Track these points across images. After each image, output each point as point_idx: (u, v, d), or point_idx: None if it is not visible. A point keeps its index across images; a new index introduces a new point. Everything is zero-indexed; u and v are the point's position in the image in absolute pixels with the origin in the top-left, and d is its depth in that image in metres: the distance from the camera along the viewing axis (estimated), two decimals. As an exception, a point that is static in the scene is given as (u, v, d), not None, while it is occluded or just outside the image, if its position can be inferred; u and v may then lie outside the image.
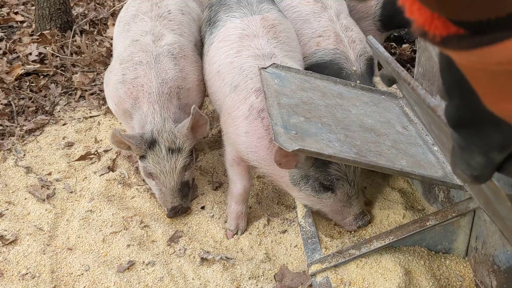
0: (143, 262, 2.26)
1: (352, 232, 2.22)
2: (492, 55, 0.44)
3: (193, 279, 2.18)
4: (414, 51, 4.08)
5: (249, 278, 2.18)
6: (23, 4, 5.20)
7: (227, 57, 2.36)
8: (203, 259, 2.29)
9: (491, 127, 0.58)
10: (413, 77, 2.56)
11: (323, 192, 2.07)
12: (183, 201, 2.43)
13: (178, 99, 2.46)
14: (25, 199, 2.61)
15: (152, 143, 2.35)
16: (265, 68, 2.18)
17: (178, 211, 2.42)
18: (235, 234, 2.45)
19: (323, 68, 2.44)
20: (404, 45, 4.21)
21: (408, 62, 3.96)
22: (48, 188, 2.67)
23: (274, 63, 2.21)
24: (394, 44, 4.21)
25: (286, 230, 2.44)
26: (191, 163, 2.46)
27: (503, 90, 0.49)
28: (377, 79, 2.82)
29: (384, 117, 2.15)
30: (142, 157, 2.38)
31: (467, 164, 0.65)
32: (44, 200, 2.60)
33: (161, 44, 2.49)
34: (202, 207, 2.59)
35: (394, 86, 3.05)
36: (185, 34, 2.63)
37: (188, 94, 2.51)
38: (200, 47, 2.71)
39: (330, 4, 2.82)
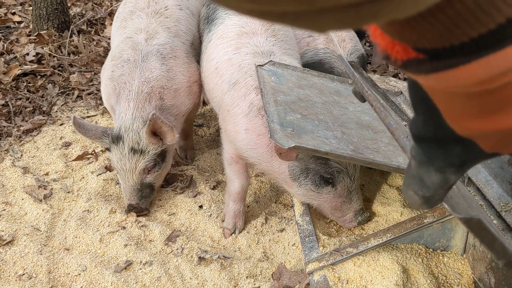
0: (141, 261, 2.25)
1: (350, 230, 2.21)
2: (449, 79, 0.46)
3: (190, 278, 2.17)
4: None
5: (247, 277, 2.17)
6: (21, 5, 5.19)
7: (225, 54, 2.35)
8: (200, 258, 2.28)
9: (453, 143, 0.60)
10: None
11: (323, 186, 2.06)
12: (140, 202, 2.45)
13: (160, 99, 2.44)
14: (22, 199, 2.60)
15: (117, 139, 2.36)
16: (262, 66, 2.17)
17: (134, 210, 2.45)
18: (233, 233, 2.44)
19: (314, 68, 2.42)
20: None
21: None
22: (45, 188, 2.66)
23: (271, 61, 2.20)
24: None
25: (284, 228, 2.43)
26: (157, 167, 2.44)
27: (463, 110, 0.52)
28: (374, 77, 2.82)
29: (381, 114, 2.14)
30: (107, 149, 2.42)
31: (421, 184, 0.68)
32: (41, 200, 2.59)
33: (152, 43, 2.48)
34: (200, 206, 2.59)
35: (392, 83, 3.04)
36: (181, 32, 2.61)
37: (175, 95, 2.49)
38: (198, 44, 2.70)
39: None
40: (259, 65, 2.17)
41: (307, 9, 0.35)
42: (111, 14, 4.85)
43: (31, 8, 4.91)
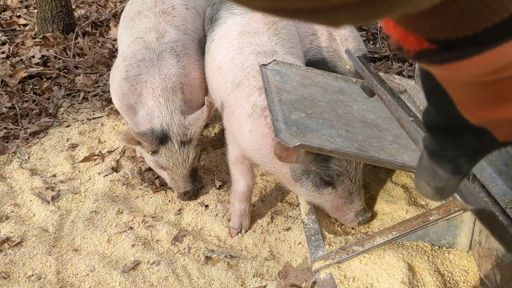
0: (148, 261, 2.27)
1: (356, 228, 2.22)
2: (462, 69, 0.47)
3: (197, 277, 2.19)
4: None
5: (254, 276, 2.18)
6: (26, 8, 5.22)
7: (228, 54, 2.35)
8: (207, 258, 2.29)
9: (466, 132, 0.61)
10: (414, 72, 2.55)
11: (324, 187, 2.07)
12: (194, 185, 2.51)
13: (182, 94, 2.48)
14: (30, 201, 2.63)
15: (163, 138, 2.37)
16: (266, 65, 2.17)
17: (191, 195, 2.51)
18: (239, 232, 2.45)
19: (316, 66, 2.43)
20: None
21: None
22: (52, 190, 2.68)
23: (275, 60, 2.21)
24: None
25: (290, 227, 2.44)
26: (199, 150, 2.51)
27: (476, 99, 0.53)
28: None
29: (386, 112, 2.15)
30: (154, 152, 2.40)
31: (433, 174, 0.68)
32: (49, 202, 2.62)
33: (164, 41, 2.50)
34: (206, 206, 2.60)
35: (397, 81, 3.04)
36: (189, 31, 2.63)
37: (191, 90, 2.53)
38: (204, 43, 2.73)
39: None
40: (263, 64, 2.18)
41: (321, 6, 0.36)
42: (115, 15, 4.87)
43: (36, 10, 4.94)
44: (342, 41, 2.69)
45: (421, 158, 0.73)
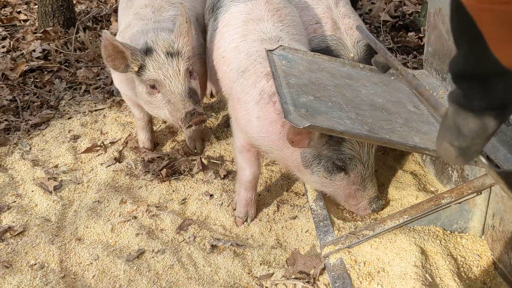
0: (153, 250, 2.23)
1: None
2: None
3: (203, 266, 2.14)
4: (421, 39, 4.05)
5: (261, 263, 2.14)
6: (26, 4, 5.19)
7: (232, 42, 2.32)
8: (213, 246, 2.25)
9: (495, 77, 0.58)
10: (422, 59, 2.52)
11: (336, 172, 2.02)
12: (196, 106, 2.22)
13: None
14: (32, 191, 2.59)
15: (148, 50, 2.24)
16: (272, 50, 2.14)
17: (194, 114, 2.19)
18: (245, 221, 2.42)
19: None
20: (410, 33, 4.17)
21: (415, 50, 3.92)
22: (55, 180, 2.64)
23: (281, 45, 2.17)
24: (401, 32, 4.17)
25: (296, 216, 2.40)
26: (193, 71, 2.34)
27: (510, 32, 0.50)
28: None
29: (394, 96, 2.12)
30: (141, 68, 2.24)
31: (457, 133, 0.65)
32: (51, 192, 2.58)
33: (161, 14, 2.46)
34: (211, 195, 2.56)
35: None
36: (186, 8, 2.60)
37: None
38: (202, 21, 2.70)
39: None
40: (269, 50, 2.14)
41: None
42: (116, 10, 4.84)
43: (36, 6, 4.91)
44: (346, 29, 2.66)
45: (445, 118, 0.70)
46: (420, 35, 4.08)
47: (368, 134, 1.68)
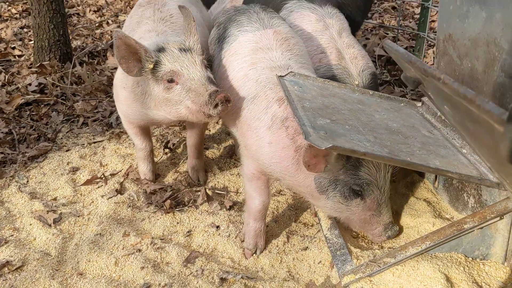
0: (159, 284, 2.12)
1: (380, 244, 2.11)
2: None
3: (214, 299, 2.04)
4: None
5: (274, 296, 2.05)
6: (20, 40, 5.17)
7: (241, 70, 2.29)
8: (222, 280, 2.16)
9: None
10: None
11: (352, 198, 1.97)
12: (217, 87, 2.16)
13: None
14: (30, 225, 2.48)
15: (161, 49, 2.23)
16: (283, 76, 2.12)
17: (218, 92, 2.10)
18: (254, 253, 2.33)
19: None
20: (406, 67, 4.22)
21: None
22: (54, 213, 2.54)
23: (291, 72, 2.16)
24: (397, 66, 4.22)
25: (307, 247, 2.33)
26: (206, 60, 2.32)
27: None
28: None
29: (408, 122, 2.09)
30: (156, 65, 2.19)
31: None
32: (50, 225, 2.47)
33: (166, 38, 2.43)
34: (217, 227, 2.48)
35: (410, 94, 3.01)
36: None
37: None
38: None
39: (331, 23, 2.81)
40: (280, 76, 2.12)
41: None
42: (112, 46, 4.84)
43: (31, 42, 4.89)
44: (351, 59, 2.66)
45: None
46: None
47: (390, 156, 1.64)
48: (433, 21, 4.83)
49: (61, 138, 3.28)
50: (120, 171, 2.91)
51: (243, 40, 2.41)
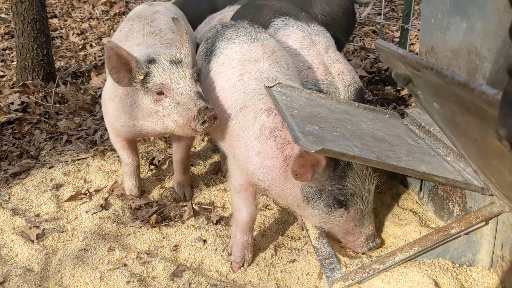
0: (146, 298, 2.08)
1: (368, 253, 2.12)
2: None
3: (202, 312, 2.01)
4: (398, 91, 4.17)
5: (263, 308, 2.02)
6: (2, 61, 5.15)
7: (229, 81, 2.31)
8: (210, 293, 2.13)
9: None
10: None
11: (337, 208, 1.98)
12: (206, 104, 2.15)
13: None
14: (12, 241, 2.42)
15: (152, 60, 2.23)
16: (271, 87, 2.15)
17: (208, 109, 2.10)
18: (242, 266, 2.31)
19: None
20: (387, 87, 4.30)
21: (394, 101, 4.02)
22: (37, 228, 2.49)
23: (279, 83, 2.18)
24: (379, 85, 4.30)
25: (295, 259, 2.31)
26: (196, 73, 2.33)
27: None
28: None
29: (393, 131, 2.13)
30: (146, 76, 2.19)
31: None
32: (33, 241, 2.42)
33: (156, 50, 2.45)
34: (204, 241, 2.45)
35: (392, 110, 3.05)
36: None
37: None
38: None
39: (318, 40, 2.87)
40: (268, 86, 2.15)
41: None
42: (96, 67, 4.84)
43: (13, 63, 4.86)
44: (338, 74, 2.71)
45: (506, 94, 0.67)
46: (398, 87, 4.21)
47: (378, 160, 1.67)
48: (412, 44, 4.95)
49: (44, 155, 3.24)
50: (105, 187, 2.88)
51: (231, 52, 2.44)
